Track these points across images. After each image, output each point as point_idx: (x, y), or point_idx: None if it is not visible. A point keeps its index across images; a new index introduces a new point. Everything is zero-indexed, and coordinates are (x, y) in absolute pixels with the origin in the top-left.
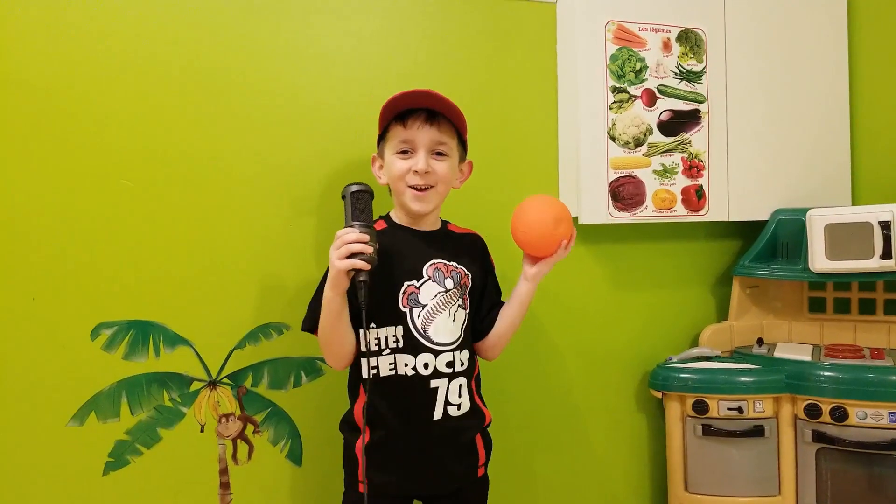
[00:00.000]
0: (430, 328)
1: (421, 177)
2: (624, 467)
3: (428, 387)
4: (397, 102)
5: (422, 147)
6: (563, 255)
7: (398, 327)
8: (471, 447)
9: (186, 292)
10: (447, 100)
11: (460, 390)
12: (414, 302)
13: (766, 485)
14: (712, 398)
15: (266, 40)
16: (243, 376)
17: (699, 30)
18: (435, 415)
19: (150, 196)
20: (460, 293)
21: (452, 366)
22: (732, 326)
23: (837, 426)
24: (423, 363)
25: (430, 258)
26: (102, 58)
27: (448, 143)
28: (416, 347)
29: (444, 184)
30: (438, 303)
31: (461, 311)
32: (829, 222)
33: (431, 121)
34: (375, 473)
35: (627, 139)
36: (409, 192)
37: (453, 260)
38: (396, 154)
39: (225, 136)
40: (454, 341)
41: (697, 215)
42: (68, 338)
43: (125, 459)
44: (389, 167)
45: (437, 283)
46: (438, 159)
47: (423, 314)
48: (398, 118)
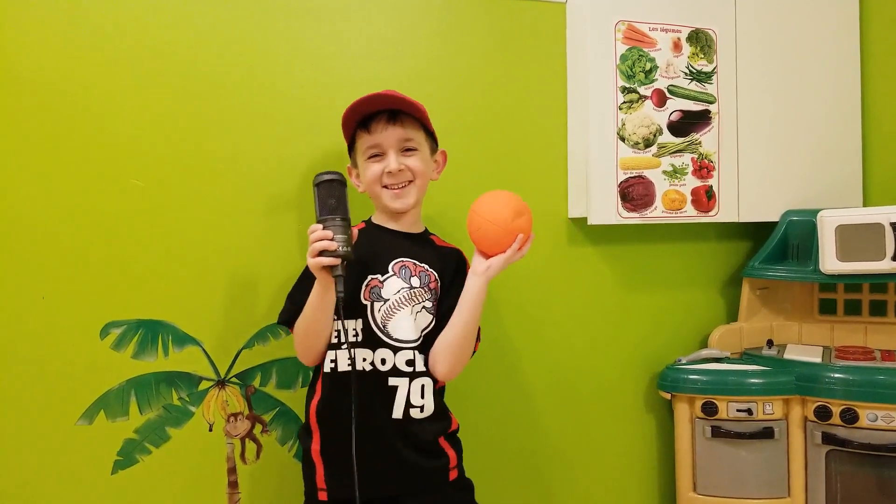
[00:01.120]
0: (390, 323)
1: (395, 176)
2: (632, 469)
3: (386, 384)
4: (356, 109)
5: (390, 148)
6: (518, 256)
7: (358, 320)
8: (436, 448)
9: (195, 292)
10: (403, 97)
11: (423, 391)
12: (376, 296)
13: (775, 487)
14: (721, 400)
15: (274, 41)
16: (252, 376)
17: (710, 30)
18: (394, 413)
19: (160, 196)
20: (429, 296)
21: (413, 364)
22: (742, 328)
23: (847, 428)
24: (381, 359)
25: (399, 255)
26: (114, 59)
27: (414, 137)
28: (374, 342)
29: (421, 177)
30: (401, 298)
31: (426, 313)
32: (840, 223)
33: (394, 120)
34: (334, 477)
35: (637, 140)
36: (385, 192)
37: (424, 262)
38: (368, 160)
39: (234, 135)
40: (415, 339)
41: (707, 216)
42: (77, 337)
43: (134, 458)
44: (364, 173)
45: (402, 279)
46: (409, 155)
47: (383, 308)
48: (361, 125)
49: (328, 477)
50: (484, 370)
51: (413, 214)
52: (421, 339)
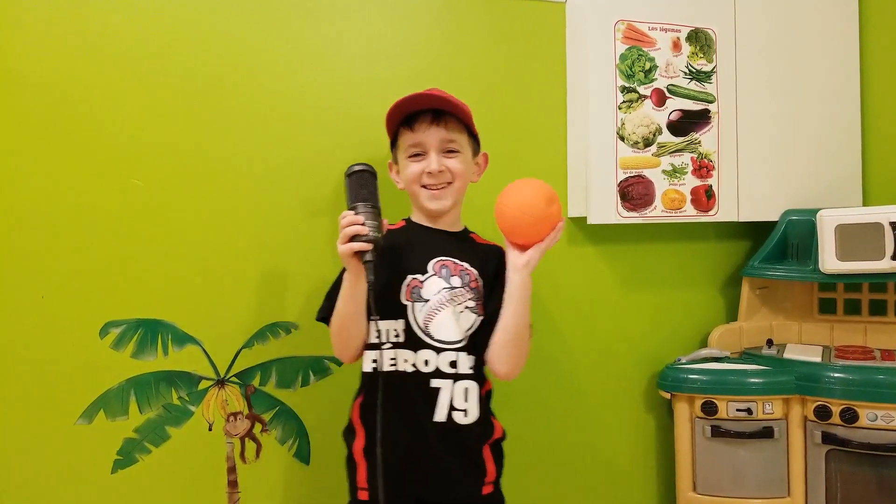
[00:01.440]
0: (432, 324)
1: (434, 176)
2: (632, 468)
3: (428, 385)
4: (401, 107)
5: (432, 148)
6: (555, 240)
7: (399, 321)
8: (477, 458)
9: (195, 291)
10: (450, 97)
11: (467, 395)
12: (416, 296)
13: (775, 487)
14: (721, 399)
15: (275, 40)
16: (251, 375)
17: (709, 29)
18: (436, 416)
19: (159, 195)
20: (472, 296)
21: (456, 366)
22: (742, 327)
23: (847, 428)
24: (424, 360)
25: (439, 254)
26: (113, 58)
27: (457, 139)
28: (416, 343)
29: (460, 179)
30: (442, 299)
31: (470, 313)
32: (840, 223)
33: (438, 120)
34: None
35: (637, 139)
36: (423, 192)
37: (465, 261)
38: (409, 158)
39: (234, 135)
40: (458, 341)
41: (707, 216)
42: (77, 336)
43: (134, 457)
44: (403, 171)
45: (442, 279)
46: (450, 157)
47: (424, 309)
48: (405, 122)
49: (370, 476)
50: None
51: (452, 214)
52: (465, 339)
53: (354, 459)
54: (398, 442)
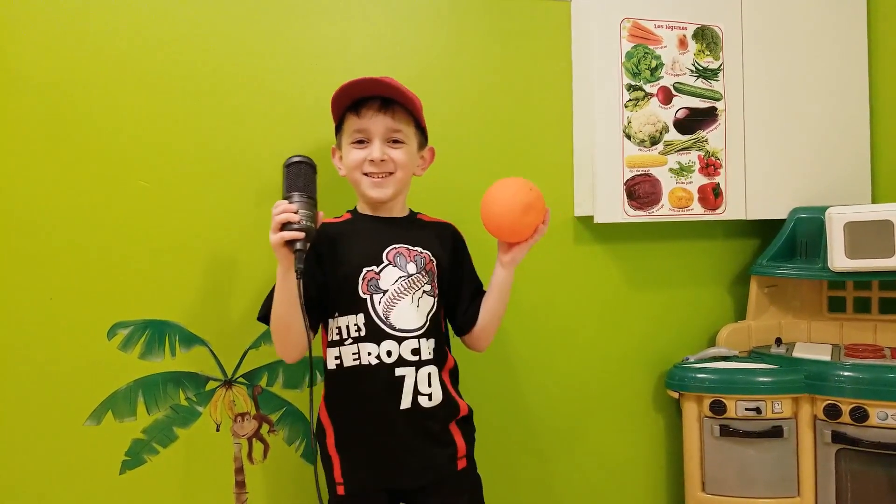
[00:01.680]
0: (392, 314)
1: (376, 165)
2: (641, 468)
3: (393, 375)
4: (348, 91)
5: (376, 136)
6: (538, 238)
7: (359, 315)
8: (445, 437)
9: (202, 292)
10: (400, 86)
11: (430, 379)
12: (374, 288)
13: (784, 486)
14: (730, 398)
15: (277, 41)
16: (258, 375)
17: (715, 27)
18: (402, 404)
19: (166, 197)
20: (427, 279)
21: (418, 353)
22: (750, 326)
23: (858, 427)
24: (386, 351)
25: (391, 243)
26: (120, 61)
27: (403, 129)
28: (378, 335)
29: (403, 170)
30: (400, 287)
31: (427, 297)
32: (849, 220)
33: (385, 108)
34: (351, 471)
35: (643, 137)
36: (365, 179)
37: (417, 245)
38: (352, 144)
39: (240, 135)
40: (418, 328)
41: (714, 214)
42: (85, 338)
43: (142, 458)
44: (346, 157)
45: (398, 267)
46: (394, 147)
47: (384, 300)
48: (352, 108)
49: (344, 471)
50: (490, 369)
51: (397, 202)
52: (427, 324)
53: (329, 454)
54: (366, 434)
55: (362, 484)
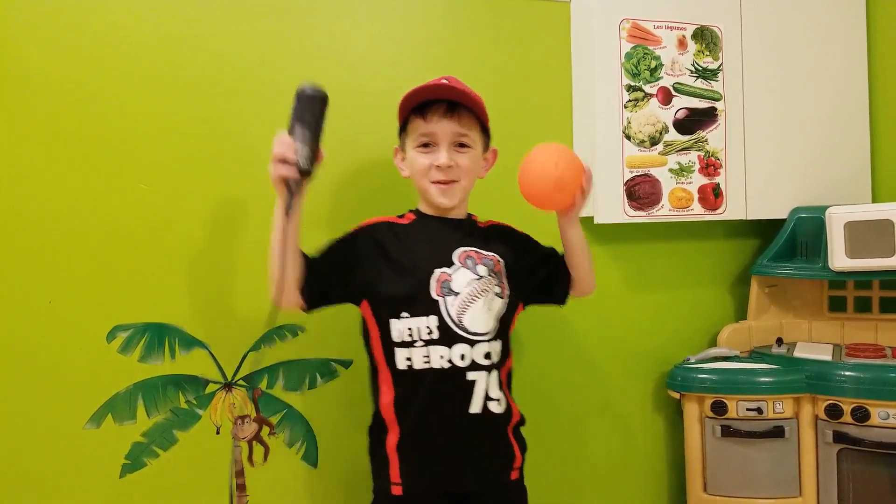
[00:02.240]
0: (465, 317)
1: (443, 171)
2: (642, 468)
3: (464, 379)
4: (415, 96)
5: (443, 140)
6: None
7: (431, 317)
8: (506, 444)
9: (201, 295)
10: (467, 89)
11: (499, 383)
12: (447, 290)
13: (786, 486)
14: (731, 399)
15: (280, 41)
16: (258, 378)
17: (715, 27)
18: (472, 408)
19: (166, 199)
20: (496, 280)
21: (490, 357)
22: (751, 326)
23: (859, 427)
24: (460, 354)
25: (460, 245)
26: (121, 63)
27: (470, 134)
28: (451, 338)
29: (469, 176)
30: (473, 290)
31: (498, 299)
32: (849, 220)
33: (451, 112)
34: (411, 472)
35: (643, 138)
36: (433, 187)
37: (483, 248)
38: (417, 148)
39: (241, 138)
40: (490, 331)
41: (714, 214)
42: (84, 341)
43: (142, 461)
44: (412, 162)
45: (469, 269)
46: (461, 151)
47: (457, 302)
48: (417, 110)
49: (403, 472)
50: None
51: (461, 206)
52: (497, 326)
53: (387, 455)
54: (433, 436)
55: (422, 486)
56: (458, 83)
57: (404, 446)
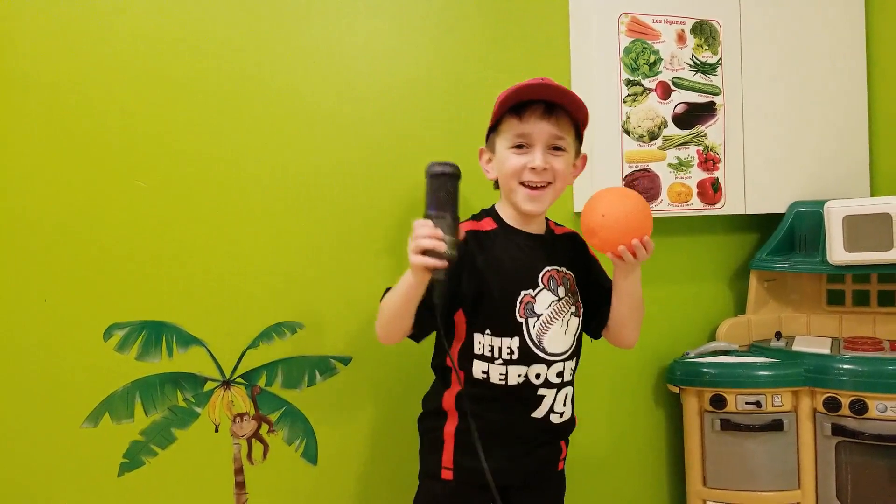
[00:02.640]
0: (545, 339)
1: (537, 174)
2: (642, 463)
3: (535, 394)
4: (516, 94)
5: (539, 142)
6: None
7: (514, 338)
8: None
9: (199, 292)
10: (568, 91)
11: (566, 400)
12: (530, 312)
13: (785, 479)
14: (730, 392)
15: (276, 38)
16: (257, 376)
17: (714, 21)
18: (535, 413)
19: (163, 197)
20: (572, 300)
21: (562, 375)
22: (750, 320)
23: (857, 419)
24: (535, 374)
25: (545, 265)
26: (116, 59)
27: (566, 137)
28: (530, 358)
29: (561, 181)
30: (553, 312)
31: (574, 318)
32: (848, 214)
33: (549, 114)
34: (465, 459)
35: (642, 132)
36: (521, 190)
37: (563, 265)
38: (511, 149)
39: (237, 135)
40: (566, 351)
41: (713, 209)
42: (81, 339)
43: (140, 460)
44: (502, 162)
45: (551, 291)
46: (555, 154)
47: (538, 324)
48: (513, 109)
49: (456, 457)
50: None
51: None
52: (574, 345)
53: (443, 438)
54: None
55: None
56: (559, 85)
57: (461, 433)
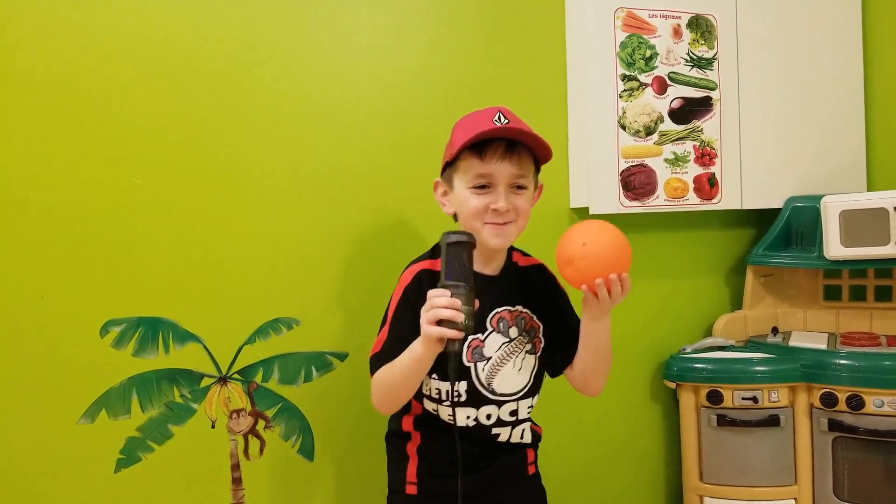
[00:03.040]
0: (495, 381)
1: (501, 215)
2: (639, 458)
3: (489, 433)
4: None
5: (501, 183)
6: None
7: (461, 382)
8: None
9: (195, 288)
10: (531, 133)
11: (523, 434)
12: (478, 356)
13: (781, 475)
14: (727, 388)
15: (275, 34)
16: (253, 372)
17: (710, 16)
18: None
19: (158, 193)
20: (527, 339)
21: (516, 414)
22: (747, 316)
23: (854, 415)
24: (486, 415)
25: (494, 307)
26: (111, 55)
27: (527, 174)
28: (479, 400)
29: (524, 217)
30: (503, 354)
31: (529, 356)
32: (844, 209)
33: (511, 153)
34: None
35: (638, 128)
36: (486, 228)
37: (517, 304)
38: (471, 189)
39: (233, 131)
40: (520, 390)
41: (710, 204)
42: (77, 336)
43: (136, 456)
44: (463, 203)
45: (501, 333)
46: (518, 193)
47: (487, 367)
48: (473, 148)
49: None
50: None
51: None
52: (530, 383)
53: (407, 454)
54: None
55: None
56: (517, 119)
57: (424, 451)
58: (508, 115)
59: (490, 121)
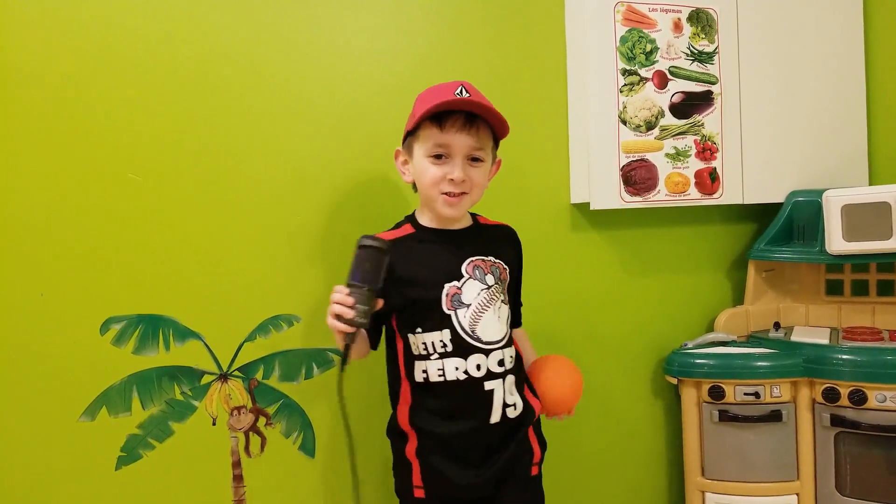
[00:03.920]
0: (478, 327)
1: (456, 185)
2: (640, 454)
3: (483, 389)
4: (436, 105)
5: (458, 154)
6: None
7: (444, 331)
8: (526, 442)
9: (195, 285)
10: (488, 104)
11: (513, 388)
12: (458, 303)
13: (784, 470)
14: (728, 383)
15: (273, 33)
16: (254, 369)
17: (710, 9)
18: (492, 418)
19: (158, 190)
20: (501, 287)
21: (503, 364)
22: (748, 311)
23: (856, 410)
24: (475, 365)
25: (468, 256)
26: (110, 52)
27: (485, 147)
28: (465, 349)
29: (478, 189)
30: (482, 301)
31: (504, 306)
32: (846, 203)
33: (470, 125)
34: (432, 475)
35: (639, 122)
36: (441, 198)
37: (491, 255)
38: (429, 158)
39: (233, 129)
40: (502, 338)
41: (711, 198)
42: (77, 333)
43: (137, 454)
44: (421, 172)
45: (478, 280)
46: (474, 165)
47: (468, 314)
48: (433, 118)
49: (424, 475)
50: None
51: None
52: (508, 332)
53: (407, 460)
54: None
55: (443, 488)
56: (478, 94)
57: (423, 452)
58: (470, 90)
59: (451, 93)
